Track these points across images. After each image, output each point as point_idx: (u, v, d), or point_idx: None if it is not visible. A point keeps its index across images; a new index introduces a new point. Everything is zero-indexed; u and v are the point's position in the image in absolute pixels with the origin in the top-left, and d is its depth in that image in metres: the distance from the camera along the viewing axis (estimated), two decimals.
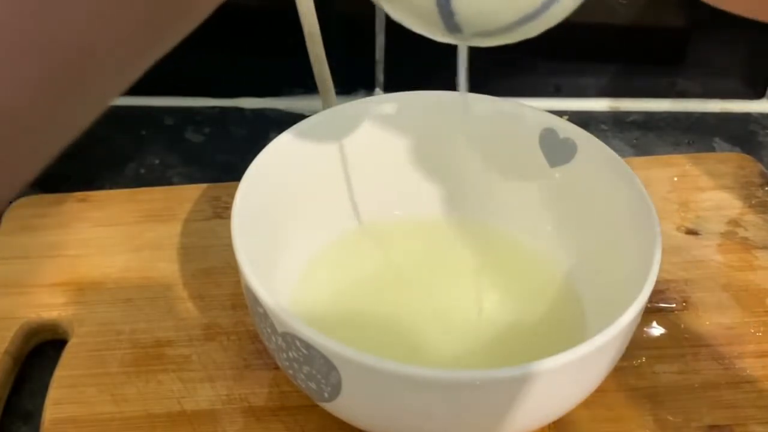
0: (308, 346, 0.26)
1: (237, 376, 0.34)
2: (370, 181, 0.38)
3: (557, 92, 0.53)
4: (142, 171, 0.47)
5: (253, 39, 0.50)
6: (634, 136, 0.51)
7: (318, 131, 0.36)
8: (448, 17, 0.22)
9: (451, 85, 0.36)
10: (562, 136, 0.36)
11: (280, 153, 0.34)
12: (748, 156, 0.46)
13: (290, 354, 0.27)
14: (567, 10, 0.23)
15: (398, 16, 0.23)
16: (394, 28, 0.35)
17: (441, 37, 0.24)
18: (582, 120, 0.50)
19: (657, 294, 0.37)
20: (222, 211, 0.41)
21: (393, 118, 0.37)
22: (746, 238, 0.41)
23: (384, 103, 0.37)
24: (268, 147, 0.34)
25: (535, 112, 0.36)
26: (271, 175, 0.34)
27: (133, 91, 0.20)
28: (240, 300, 0.36)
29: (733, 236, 0.41)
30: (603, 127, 0.52)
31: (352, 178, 0.37)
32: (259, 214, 0.32)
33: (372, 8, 0.48)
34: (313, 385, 0.28)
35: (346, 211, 0.38)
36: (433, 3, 0.22)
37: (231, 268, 0.37)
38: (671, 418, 0.32)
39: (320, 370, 0.26)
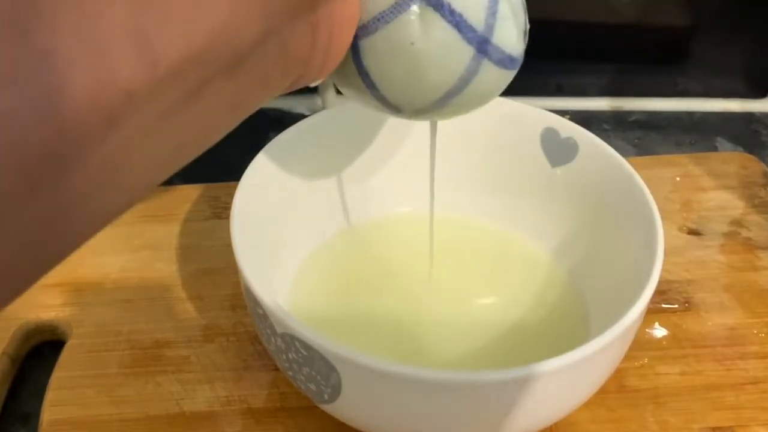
0: (308, 347, 0.26)
1: (236, 377, 0.33)
2: (369, 180, 0.38)
3: (559, 91, 0.53)
4: None
5: None
6: (635, 135, 0.51)
7: (318, 131, 0.36)
8: (385, 102, 0.25)
9: None
10: (563, 135, 0.35)
11: (280, 153, 0.34)
12: (750, 156, 0.46)
13: (290, 355, 0.27)
14: (492, 83, 0.25)
15: (359, 103, 0.27)
16: None
17: (391, 115, 0.26)
18: (583, 119, 0.50)
19: (659, 295, 0.37)
20: (221, 212, 0.41)
21: (392, 118, 0.37)
22: (749, 239, 0.41)
23: None
24: (267, 147, 0.34)
25: (536, 111, 0.36)
26: (270, 175, 0.34)
27: None
28: (239, 301, 0.36)
29: (735, 236, 0.41)
30: (605, 126, 0.52)
31: (352, 177, 0.37)
32: (258, 215, 0.32)
33: None
34: (312, 387, 0.27)
35: (345, 211, 0.38)
36: (369, 95, 0.25)
37: (230, 268, 0.37)
38: (673, 420, 0.32)
39: (320, 371, 0.26)
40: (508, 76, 0.25)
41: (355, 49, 0.24)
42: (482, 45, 0.23)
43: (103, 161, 0.15)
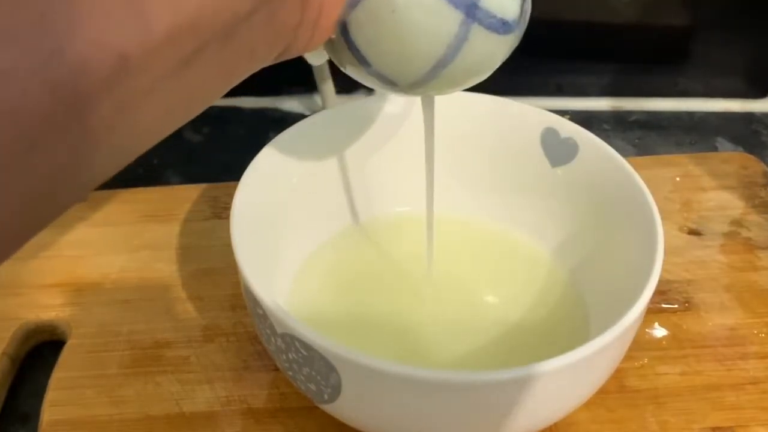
0: (308, 347, 0.26)
1: (236, 377, 0.33)
2: (369, 180, 0.38)
3: (559, 91, 0.53)
4: (141, 171, 0.47)
5: None
6: (636, 135, 0.51)
7: (318, 131, 0.36)
8: (380, 78, 0.24)
9: None
10: (563, 135, 0.35)
11: (280, 153, 0.34)
12: (751, 156, 0.46)
13: (290, 355, 0.27)
14: (485, 51, 0.23)
15: (359, 80, 0.26)
16: None
17: (390, 92, 0.26)
18: (584, 119, 0.50)
19: (659, 295, 0.37)
20: (221, 212, 0.41)
21: (393, 117, 0.37)
22: (749, 239, 0.40)
23: (384, 103, 0.37)
24: (267, 147, 0.34)
25: (536, 111, 0.36)
26: (270, 175, 0.33)
27: None
28: (239, 301, 0.36)
29: (735, 236, 0.41)
30: (605, 126, 0.52)
31: (352, 177, 0.37)
32: (258, 215, 0.32)
33: None
34: (312, 387, 0.27)
35: (345, 211, 0.38)
36: (364, 72, 0.24)
37: (230, 268, 0.37)
38: (673, 420, 0.32)
39: (320, 371, 0.26)
40: (503, 43, 0.23)
41: (344, 26, 0.23)
42: (471, 9, 0.22)
43: (98, 123, 0.16)
